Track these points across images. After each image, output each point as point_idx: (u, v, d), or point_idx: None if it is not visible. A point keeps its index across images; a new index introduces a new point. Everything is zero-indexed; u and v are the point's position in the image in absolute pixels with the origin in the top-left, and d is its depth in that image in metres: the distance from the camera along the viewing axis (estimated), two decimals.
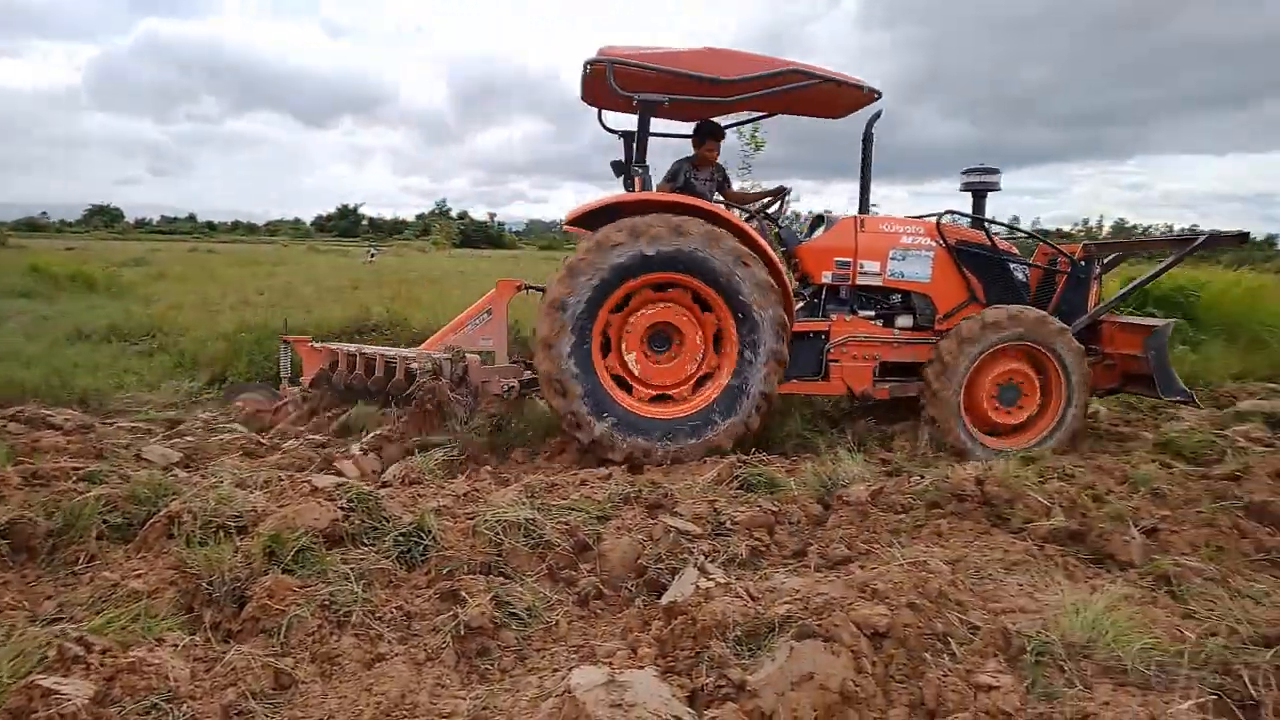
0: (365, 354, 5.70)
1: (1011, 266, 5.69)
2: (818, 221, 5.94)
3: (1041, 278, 5.78)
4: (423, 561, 2.89)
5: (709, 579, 2.53)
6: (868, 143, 5.38)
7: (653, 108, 5.08)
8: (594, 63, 4.91)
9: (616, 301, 4.85)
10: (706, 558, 2.96)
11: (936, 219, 5.54)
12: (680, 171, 5.62)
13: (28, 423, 5.19)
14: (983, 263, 5.57)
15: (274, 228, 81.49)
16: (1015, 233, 7.24)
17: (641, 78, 4.92)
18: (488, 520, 3.04)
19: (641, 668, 2.12)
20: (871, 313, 5.52)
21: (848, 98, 5.36)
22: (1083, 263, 5.65)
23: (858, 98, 5.32)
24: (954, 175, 5.84)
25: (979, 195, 5.75)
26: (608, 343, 4.96)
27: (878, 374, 5.43)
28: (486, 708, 2.14)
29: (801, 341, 5.26)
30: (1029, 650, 2.19)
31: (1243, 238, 5.40)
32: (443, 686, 2.25)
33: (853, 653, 2.04)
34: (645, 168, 5.23)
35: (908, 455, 4.90)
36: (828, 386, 5.44)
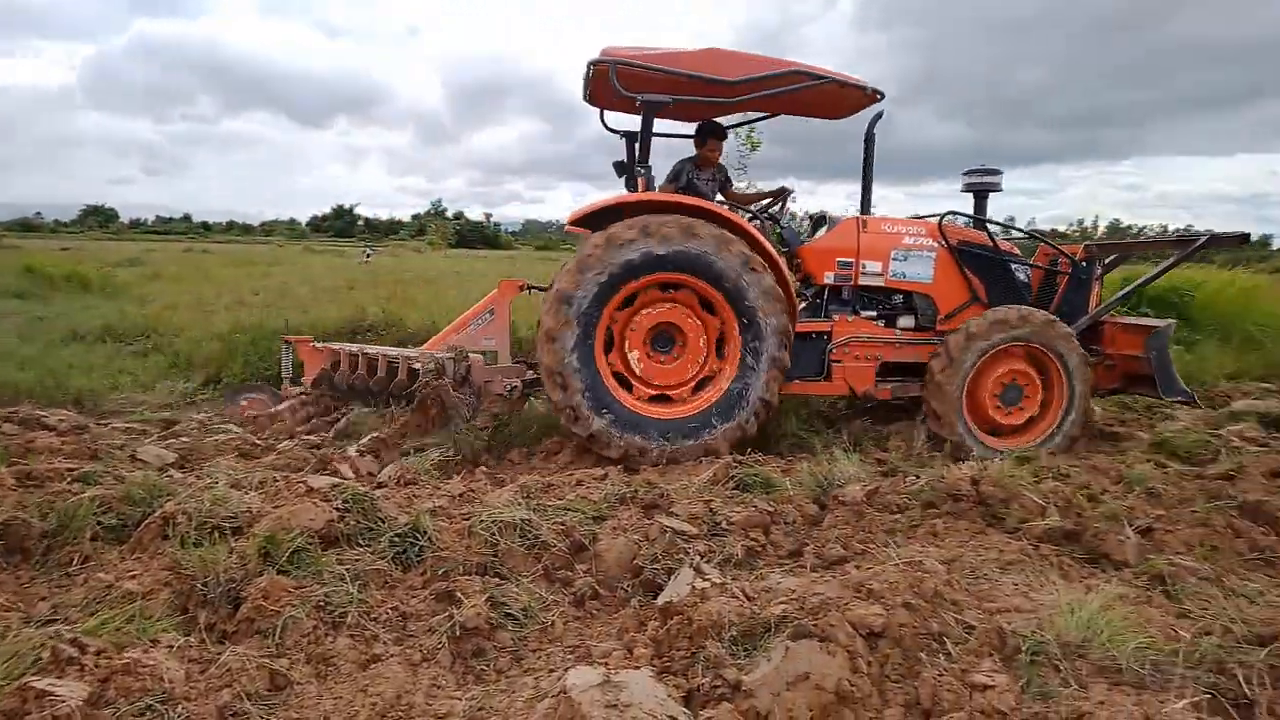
0: (368, 354, 5.68)
1: (1013, 267, 5.70)
2: (820, 222, 5.94)
3: (1043, 278, 5.79)
4: (418, 562, 2.89)
5: (705, 579, 2.54)
6: (870, 143, 5.38)
7: (656, 108, 5.09)
8: (597, 63, 4.91)
9: (623, 299, 4.86)
10: (702, 558, 2.96)
11: (938, 219, 5.55)
12: (683, 172, 5.62)
13: (22, 424, 5.16)
14: (984, 263, 5.58)
15: (269, 228, 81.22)
16: (1016, 233, 7.24)
17: (645, 78, 4.92)
18: (483, 521, 3.04)
19: (637, 668, 2.12)
20: (873, 313, 5.53)
21: (850, 98, 5.36)
22: (1084, 263, 5.66)
23: (860, 98, 5.32)
24: (950, 176, 5.87)
25: (980, 196, 5.75)
26: (611, 339, 4.96)
27: (879, 374, 5.44)
28: (482, 708, 2.13)
29: (804, 342, 5.27)
30: (1024, 650, 2.19)
31: (1243, 238, 5.40)
32: (438, 687, 2.25)
33: (848, 653, 2.04)
34: (648, 168, 5.24)
35: (903, 455, 4.90)
36: (830, 387, 5.44)
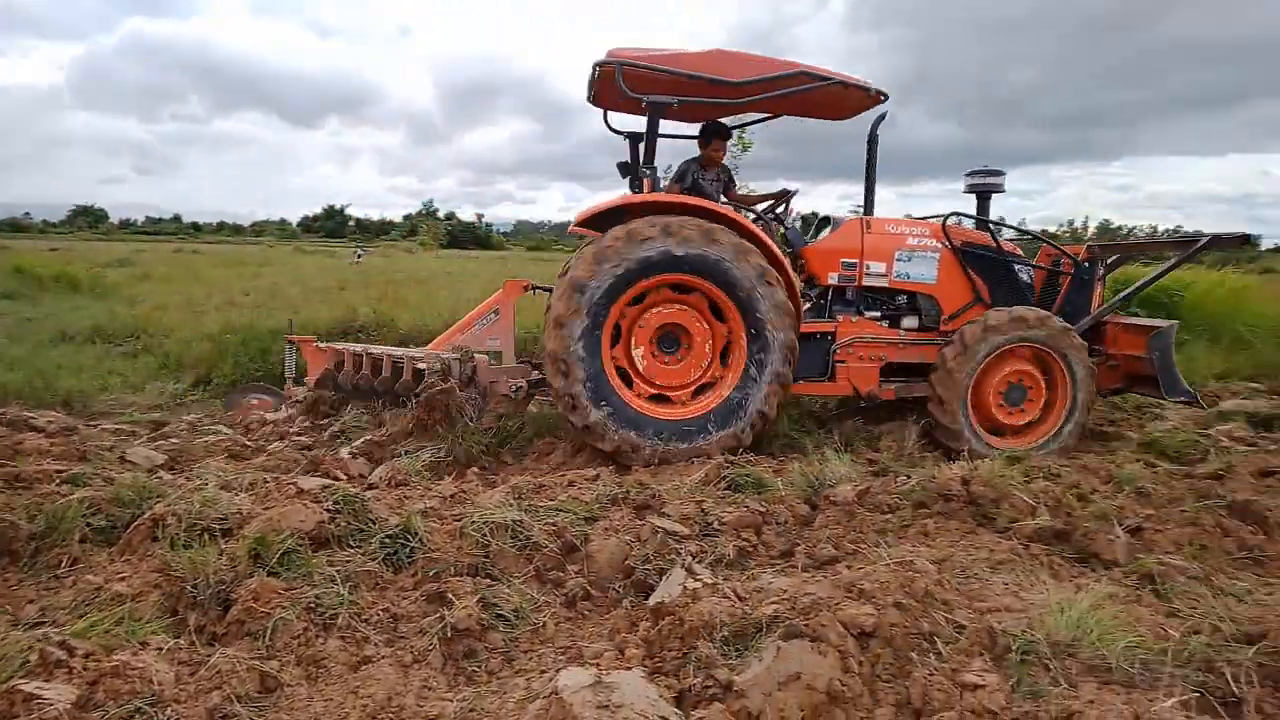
0: (372, 354, 5.65)
1: (1016, 268, 5.72)
2: (823, 223, 5.95)
3: (1045, 279, 5.81)
4: (409, 563, 2.89)
5: (696, 579, 2.54)
6: (873, 144, 5.40)
7: (662, 109, 5.09)
8: (602, 64, 4.91)
9: (635, 294, 4.86)
10: (694, 558, 2.97)
11: (942, 220, 5.57)
12: (688, 172, 5.63)
13: (10, 425, 5.11)
14: (988, 264, 5.60)
15: (260, 228, 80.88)
16: (1017, 233, 7.25)
17: (650, 79, 4.92)
18: (475, 522, 3.04)
19: (629, 669, 2.12)
20: (877, 313, 5.54)
21: (854, 99, 5.37)
22: (1086, 264, 5.68)
23: (864, 99, 5.34)
24: (941, 176, 5.93)
25: (983, 197, 5.77)
26: (618, 334, 4.96)
27: (883, 375, 5.45)
28: (473, 710, 2.13)
29: (808, 342, 5.27)
30: (1014, 649, 2.20)
31: (1244, 239, 5.42)
32: (429, 689, 2.24)
33: (839, 652, 2.04)
34: (654, 169, 5.26)
35: (894, 455, 4.92)
36: (834, 387, 5.45)
